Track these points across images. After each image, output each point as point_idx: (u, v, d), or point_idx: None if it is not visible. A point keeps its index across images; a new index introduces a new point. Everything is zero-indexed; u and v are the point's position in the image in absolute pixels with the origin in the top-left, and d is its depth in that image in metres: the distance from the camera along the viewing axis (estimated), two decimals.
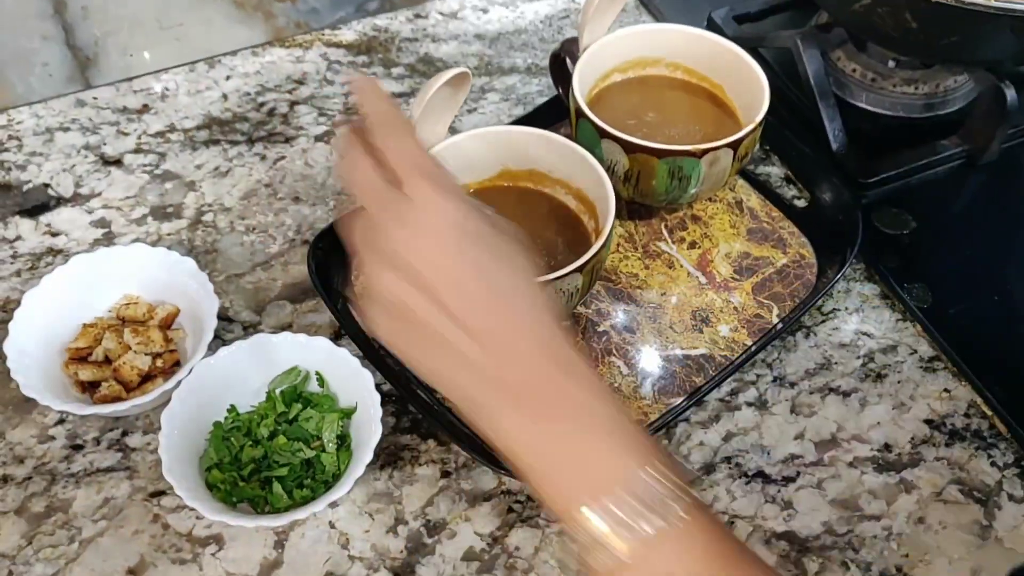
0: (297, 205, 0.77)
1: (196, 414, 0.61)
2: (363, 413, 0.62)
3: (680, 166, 0.69)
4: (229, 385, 0.63)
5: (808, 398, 0.67)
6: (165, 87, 0.86)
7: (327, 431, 0.62)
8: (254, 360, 0.63)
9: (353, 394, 0.63)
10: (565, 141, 0.69)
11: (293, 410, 0.63)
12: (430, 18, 0.92)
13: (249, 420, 0.62)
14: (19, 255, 0.74)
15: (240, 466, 0.61)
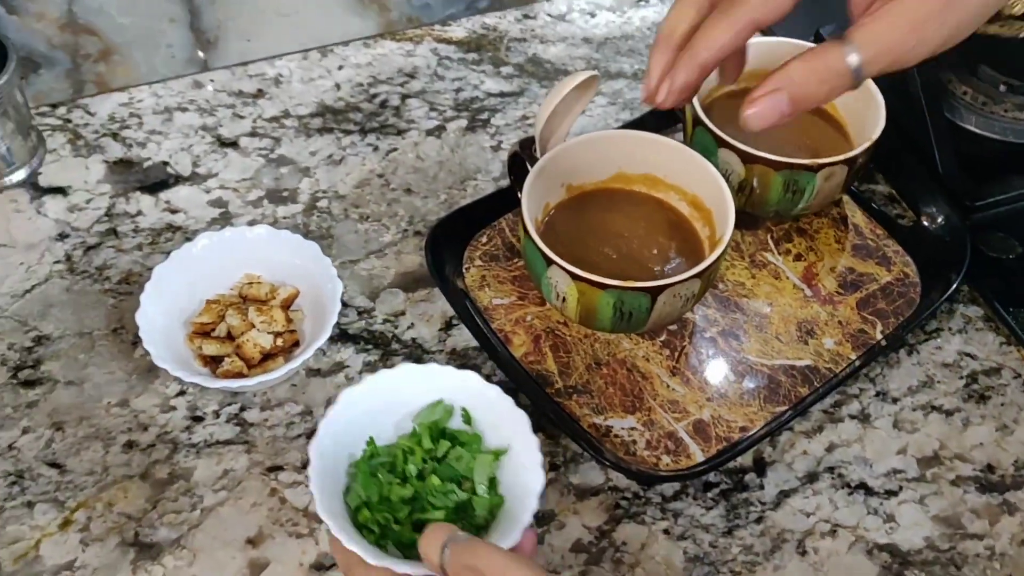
0: (409, 197, 0.79)
1: (337, 446, 0.57)
2: (515, 458, 0.57)
3: (796, 179, 0.70)
4: (371, 415, 0.58)
5: (911, 415, 0.68)
6: (279, 73, 0.88)
7: (479, 472, 0.57)
8: (395, 391, 0.59)
9: (503, 435, 0.58)
10: (685, 148, 0.70)
11: (441, 447, 0.58)
12: (538, 19, 0.93)
13: (394, 456, 0.57)
14: (140, 229, 0.76)
15: (391, 507, 0.55)
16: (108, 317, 0.71)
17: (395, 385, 0.58)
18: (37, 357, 0.69)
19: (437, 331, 0.71)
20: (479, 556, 0.47)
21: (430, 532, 0.49)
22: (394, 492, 0.56)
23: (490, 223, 0.76)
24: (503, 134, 0.84)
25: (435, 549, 0.48)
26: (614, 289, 0.62)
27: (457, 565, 0.47)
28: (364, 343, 0.70)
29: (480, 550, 0.47)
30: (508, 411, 0.57)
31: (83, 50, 0.81)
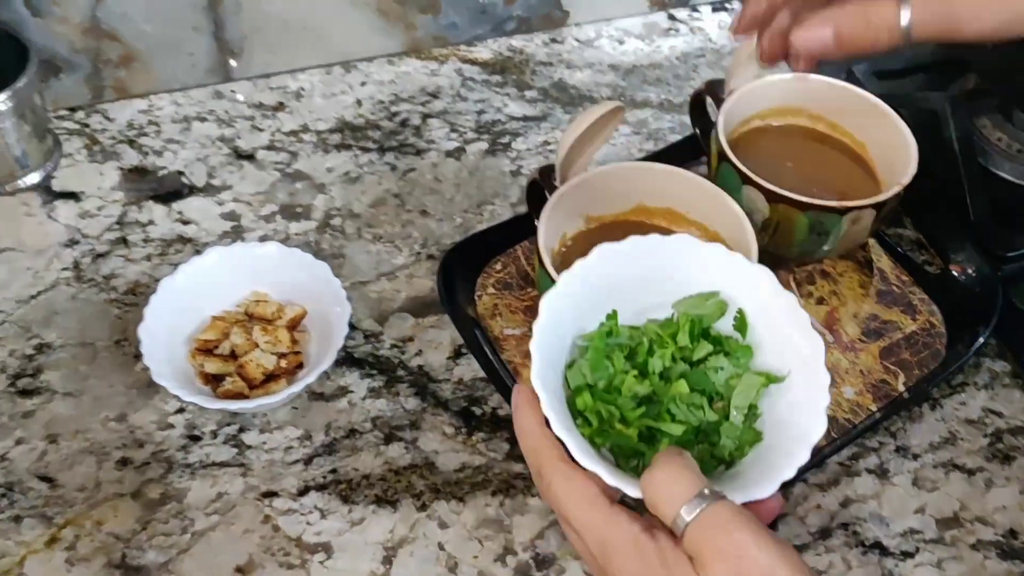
0: (424, 219, 0.78)
1: (573, 308, 0.46)
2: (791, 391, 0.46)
3: (821, 221, 0.68)
4: (621, 284, 0.47)
5: (931, 472, 0.66)
6: (301, 87, 0.87)
7: (740, 395, 0.46)
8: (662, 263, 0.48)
9: (784, 359, 0.47)
10: (708, 183, 0.68)
11: (700, 349, 0.47)
12: (566, 44, 0.92)
13: (637, 342, 0.47)
14: (151, 239, 0.75)
15: (619, 401, 0.45)
16: (112, 328, 0.70)
17: (664, 255, 0.47)
18: (37, 365, 0.67)
19: (445, 359, 0.69)
20: (739, 545, 0.37)
21: (672, 475, 0.39)
22: (627, 384, 0.45)
23: (505, 250, 0.74)
24: (524, 159, 0.82)
25: (674, 501, 0.38)
26: None
27: (702, 541, 0.38)
28: (369, 368, 0.69)
29: (743, 535, 0.37)
30: (801, 331, 0.46)
31: (104, 55, 0.80)
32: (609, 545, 0.41)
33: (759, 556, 0.37)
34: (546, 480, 0.43)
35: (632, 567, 0.40)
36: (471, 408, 0.67)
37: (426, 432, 0.66)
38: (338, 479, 0.63)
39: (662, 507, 0.39)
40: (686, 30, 0.94)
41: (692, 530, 0.38)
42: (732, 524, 0.38)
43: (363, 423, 0.66)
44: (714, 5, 0.97)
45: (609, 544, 0.41)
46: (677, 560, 0.39)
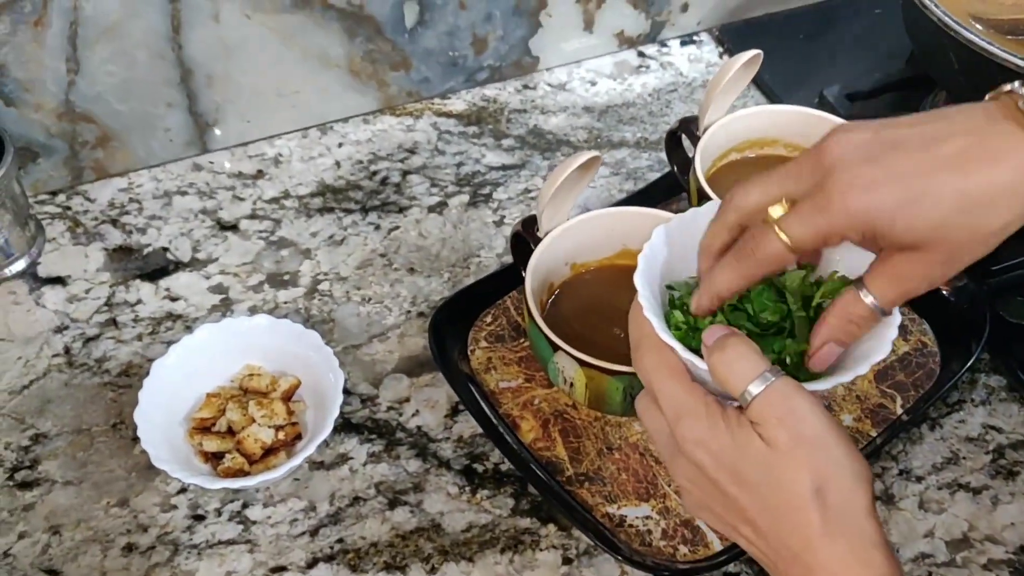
0: (412, 276, 0.78)
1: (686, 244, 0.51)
2: None
3: None
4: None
5: (936, 494, 0.66)
6: (279, 153, 0.87)
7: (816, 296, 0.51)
8: None
9: None
10: None
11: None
12: (538, 89, 0.93)
13: None
14: (140, 319, 0.75)
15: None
16: (107, 412, 0.69)
17: None
18: (34, 457, 0.67)
19: (443, 418, 0.69)
20: (798, 411, 0.43)
21: (740, 353, 0.44)
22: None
23: (495, 302, 0.75)
24: (506, 208, 0.83)
25: (744, 376, 0.44)
26: (623, 375, 0.60)
27: (768, 408, 0.43)
28: (368, 432, 0.68)
29: (803, 404, 0.43)
30: None
31: (81, 137, 0.81)
32: (683, 408, 0.46)
33: (815, 422, 0.43)
34: (641, 352, 0.48)
35: (700, 427, 0.45)
36: (473, 465, 0.67)
37: (430, 494, 0.65)
38: (346, 548, 0.63)
39: (732, 381, 0.44)
40: (656, 66, 0.95)
41: (758, 402, 0.44)
42: (794, 397, 0.44)
43: (366, 489, 0.66)
44: (683, 39, 0.98)
45: (683, 407, 0.46)
46: (741, 423, 0.44)
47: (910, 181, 0.43)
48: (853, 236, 0.45)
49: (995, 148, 0.43)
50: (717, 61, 0.96)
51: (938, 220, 0.43)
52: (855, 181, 0.43)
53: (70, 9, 0.73)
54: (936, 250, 0.44)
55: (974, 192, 0.43)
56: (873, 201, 0.43)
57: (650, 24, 0.95)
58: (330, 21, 0.82)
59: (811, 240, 0.45)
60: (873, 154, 0.44)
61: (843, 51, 0.97)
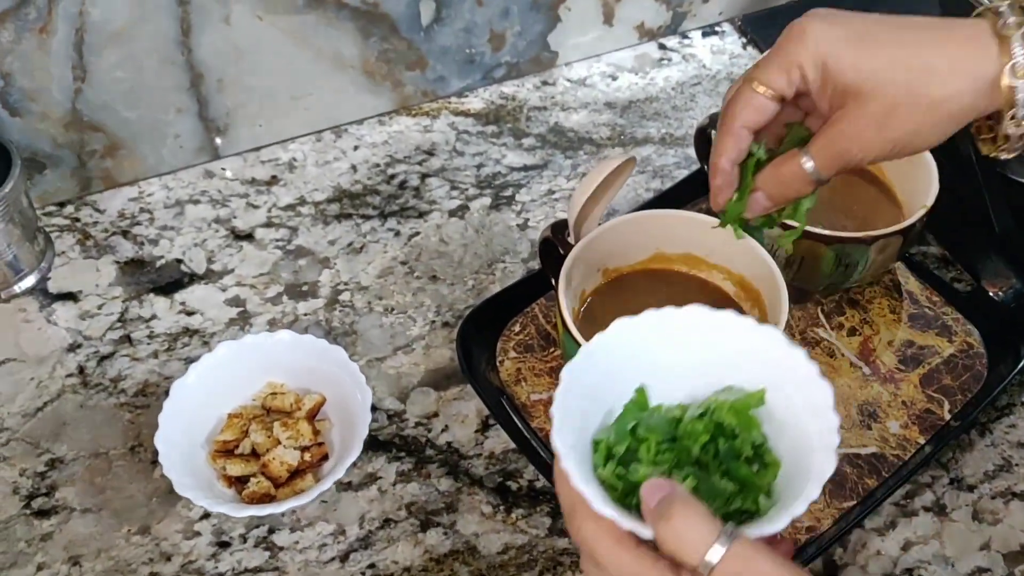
0: (435, 284, 0.75)
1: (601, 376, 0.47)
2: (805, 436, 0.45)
3: (848, 253, 0.66)
4: (637, 357, 0.47)
5: (990, 503, 0.63)
6: (293, 157, 0.84)
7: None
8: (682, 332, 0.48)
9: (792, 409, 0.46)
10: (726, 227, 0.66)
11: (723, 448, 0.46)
12: (558, 85, 0.90)
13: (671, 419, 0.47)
14: (155, 335, 0.72)
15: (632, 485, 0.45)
16: (125, 434, 0.67)
17: (680, 326, 0.48)
18: (51, 483, 0.64)
19: (473, 433, 0.67)
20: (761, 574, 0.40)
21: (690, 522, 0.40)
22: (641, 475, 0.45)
23: (522, 310, 0.72)
24: (529, 211, 0.80)
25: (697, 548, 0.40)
26: None
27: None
28: (396, 450, 0.66)
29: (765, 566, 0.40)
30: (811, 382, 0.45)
31: (89, 146, 0.78)
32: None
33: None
34: (578, 520, 0.44)
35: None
36: (507, 483, 0.64)
37: (463, 514, 0.63)
38: (378, 574, 0.60)
39: (686, 553, 0.40)
40: (679, 58, 0.92)
41: (718, 571, 0.40)
42: (755, 559, 0.40)
43: (397, 511, 0.63)
44: (704, 30, 0.95)
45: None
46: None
47: (870, 26, 0.47)
48: (810, 69, 0.48)
49: (956, 24, 0.46)
50: (740, 52, 0.93)
51: (882, 66, 0.46)
52: (820, 17, 0.48)
53: (76, 15, 0.70)
54: (872, 102, 0.46)
55: (921, 53, 0.45)
56: (831, 32, 0.47)
57: (671, 15, 0.92)
58: (344, 21, 0.79)
59: (776, 75, 0.48)
60: (842, 12, 0.48)
61: None
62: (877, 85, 0.46)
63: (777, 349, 0.47)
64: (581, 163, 0.83)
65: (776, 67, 0.48)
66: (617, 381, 0.48)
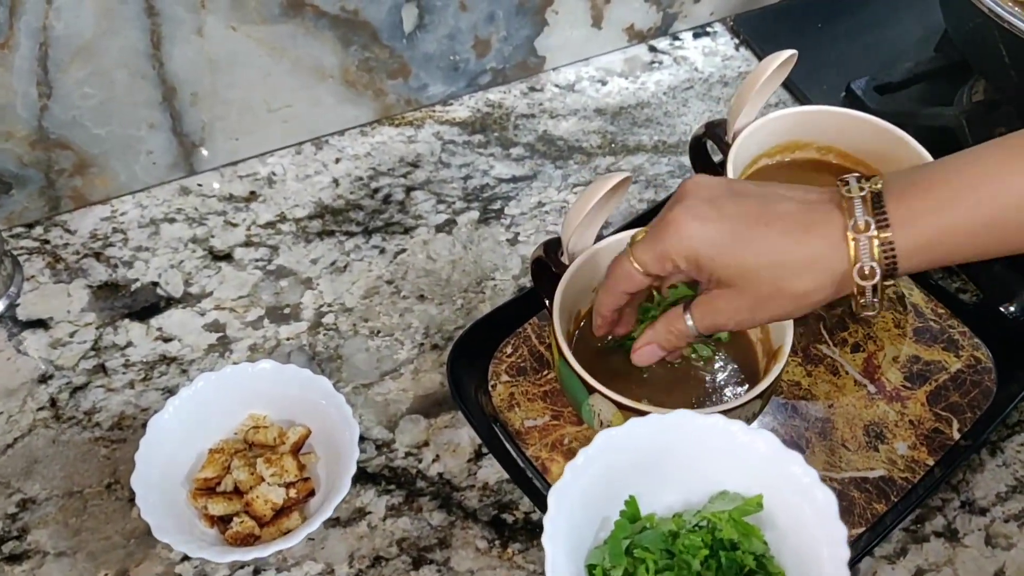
0: (423, 304, 0.72)
1: (590, 493, 0.46)
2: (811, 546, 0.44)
3: None
4: (629, 466, 0.47)
5: (1004, 527, 0.61)
6: (272, 171, 0.81)
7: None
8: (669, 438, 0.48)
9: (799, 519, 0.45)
10: None
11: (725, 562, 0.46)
12: (546, 91, 0.87)
13: (666, 534, 0.46)
14: (131, 364, 0.69)
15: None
16: (101, 471, 0.64)
17: (666, 433, 0.48)
18: (23, 525, 0.61)
19: (466, 463, 0.64)
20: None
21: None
22: None
23: (514, 331, 0.69)
24: (519, 224, 0.77)
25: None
26: None
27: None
28: (386, 483, 0.63)
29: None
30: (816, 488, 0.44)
31: (57, 165, 0.74)
32: None
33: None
34: None
35: None
36: (502, 516, 0.62)
37: (457, 550, 0.60)
38: None
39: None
40: (670, 61, 0.89)
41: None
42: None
43: (388, 547, 0.60)
44: (696, 31, 0.92)
45: None
46: None
47: (738, 226, 0.49)
48: (682, 263, 0.51)
49: (813, 220, 0.48)
50: (733, 53, 0.90)
51: (750, 267, 0.49)
52: (693, 213, 0.50)
53: (39, 29, 0.67)
54: (745, 294, 0.50)
55: (785, 254, 0.48)
56: (702, 232, 0.50)
57: (661, 16, 0.89)
58: (322, 29, 0.75)
59: (651, 261, 0.51)
60: (717, 196, 0.50)
61: (867, 38, 0.91)
62: (748, 283, 0.49)
63: (772, 452, 0.47)
64: (572, 173, 0.80)
65: (652, 253, 0.52)
66: (607, 493, 0.48)
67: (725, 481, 0.48)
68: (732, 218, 0.49)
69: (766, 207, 0.50)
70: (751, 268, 0.49)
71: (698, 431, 0.48)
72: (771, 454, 0.47)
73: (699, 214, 0.50)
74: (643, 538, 0.46)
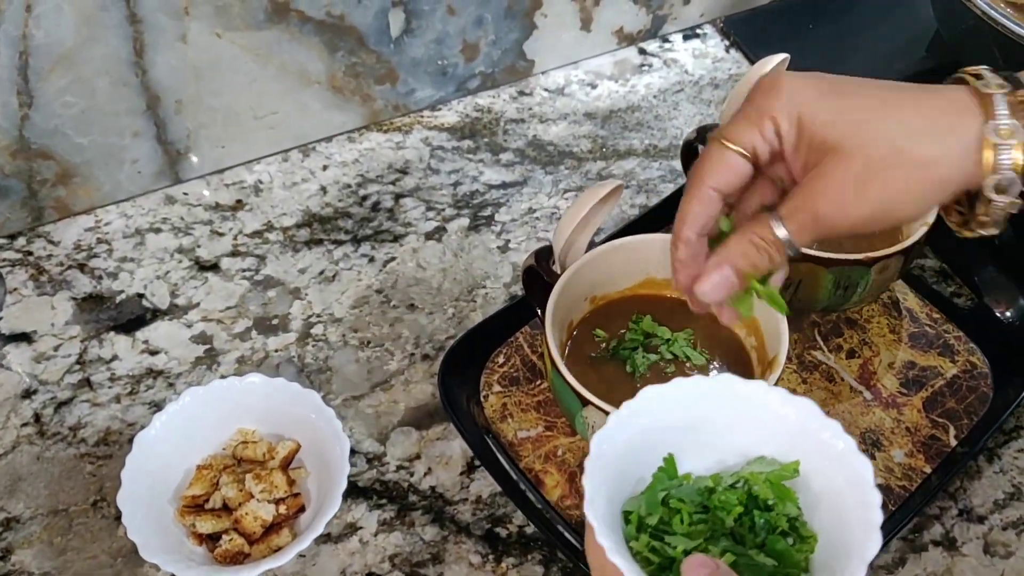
0: (413, 314, 0.71)
1: (627, 448, 0.45)
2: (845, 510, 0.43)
3: (848, 275, 0.63)
4: (668, 427, 0.46)
5: (1002, 535, 0.60)
6: (258, 179, 0.80)
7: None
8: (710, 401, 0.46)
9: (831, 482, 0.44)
10: None
11: (759, 521, 0.45)
12: (535, 95, 0.86)
13: (703, 489, 0.46)
14: (117, 377, 0.68)
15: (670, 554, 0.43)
16: (86, 488, 0.63)
17: (708, 396, 0.46)
18: (6, 545, 0.60)
19: (458, 476, 0.63)
20: None
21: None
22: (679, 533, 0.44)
23: (506, 340, 0.68)
24: (510, 231, 0.76)
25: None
26: None
27: None
28: (378, 497, 0.62)
29: None
30: (852, 455, 0.43)
31: (39, 175, 0.73)
32: None
33: None
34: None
35: None
36: (495, 529, 0.61)
37: (451, 565, 0.59)
38: None
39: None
40: (660, 64, 0.89)
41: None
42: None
43: (380, 563, 0.59)
44: (685, 33, 0.91)
45: None
46: None
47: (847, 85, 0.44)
48: (783, 122, 0.43)
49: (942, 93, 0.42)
50: (724, 55, 0.89)
51: (864, 117, 0.42)
52: (794, 74, 0.44)
53: (18, 38, 0.65)
54: (854, 157, 0.42)
55: (909, 112, 0.41)
56: (807, 88, 0.44)
57: (651, 19, 0.89)
58: (308, 35, 0.74)
59: (749, 131, 0.44)
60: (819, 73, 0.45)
61: (857, 39, 0.90)
62: (858, 140, 0.42)
63: (811, 421, 0.45)
64: (562, 178, 0.79)
65: (747, 122, 0.44)
66: (646, 450, 0.46)
67: (763, 447, 0.47)
68: (839, 78, 0.44)
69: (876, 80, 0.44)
70: (864, 121, 0.42)
71: (739, 397, 0.46)
72: (809, 421, 0.45)
73: (800, 75, 0.44)
74: (680, 491, 0.45)
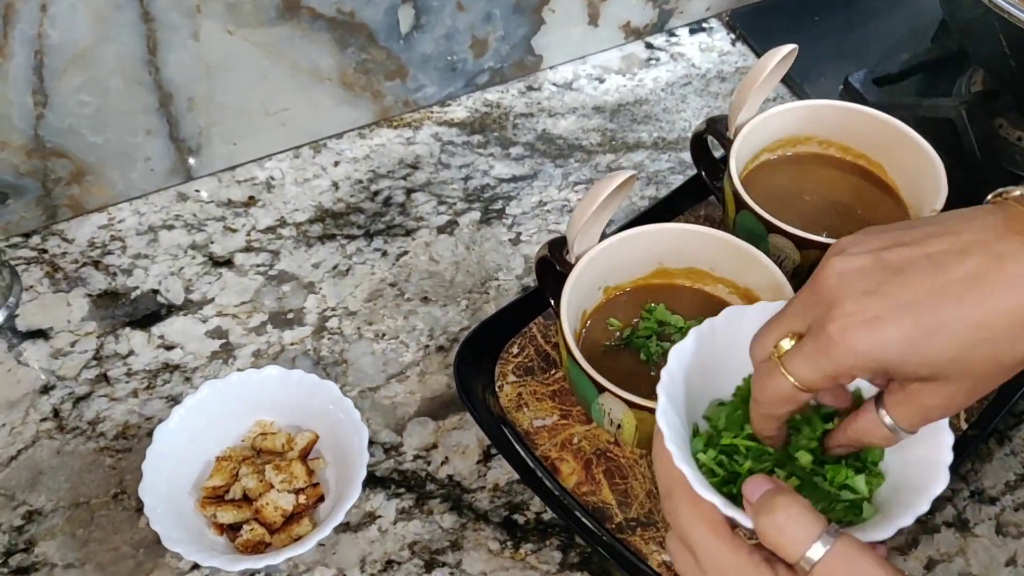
0: (427, 306, 0.72)
1: (704, 365, 0.46)
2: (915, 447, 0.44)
3: None
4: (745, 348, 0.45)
5: (1014, 516, 0.61)
6: (270, 176, 0.80)
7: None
8: None
9: None
10: (730, 238, 0.63)
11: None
12: (543, 90, 0.86)
13: None
14: (134, 372, 0.68)
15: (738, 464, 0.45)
16: (106, 481, 0.63)
17: None
18: (29, 537, 0.61)
19: (475, 464, 0.64)
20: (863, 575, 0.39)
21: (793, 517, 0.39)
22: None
23: (520, 330, 0.69)
24: (521, 224, 0.77)
25: (799, 543, 0.39)
26: None
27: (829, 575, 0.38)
28: (396, 486, 0.63)
29: (866, 567, 0.38)
30: None
31: (54, 174, 0.74)
32: (729, 569, 0.42)
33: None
34: (674, 502, 0.43)
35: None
36: (513, 516, 0.61)
37: (469, 552, 0.60)
38: None
39: (786, 547, 0.40)
40: (667, 57, 0.89)
41: (820, 569, 0.39)
42: (857, 559, 0.39)
43: (399, 551, 0.60)
44: (692, 27, 0.92)
45: (728, 568, 0.42)
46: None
47: (918, 313, 0.39)
48: (863, 374, 0.42)
49: (1009, 272, 0.39)
50: (730, 49, 0.90)
51: (955, 353, 0.40)
52: (857, 317, 0.40)
53: (34, 37, 0.66)
54: (958, 380, 0.41)
55: (991, 322, 0.39)
56: (879, 339, 0.40)
57: (657, 13, 0.89)
58: (319, 32, 0.75)
59: (818, 381, 0.42)
60: (875, 283, 0.40)
61: (863, 31, 0.91)
62: (960, 371, 0.40)
63: None
64: (572, 171, 0.80)
65: (819, 373, 0.41)
66: (722, 370, 0.47)
67: None
68: (908, 308, 0.40)
69: (938, 272, 0.40)
70: (957, 355, 0.40)
71: None
72: None
73: (866, 318, 0.40)
74: None
